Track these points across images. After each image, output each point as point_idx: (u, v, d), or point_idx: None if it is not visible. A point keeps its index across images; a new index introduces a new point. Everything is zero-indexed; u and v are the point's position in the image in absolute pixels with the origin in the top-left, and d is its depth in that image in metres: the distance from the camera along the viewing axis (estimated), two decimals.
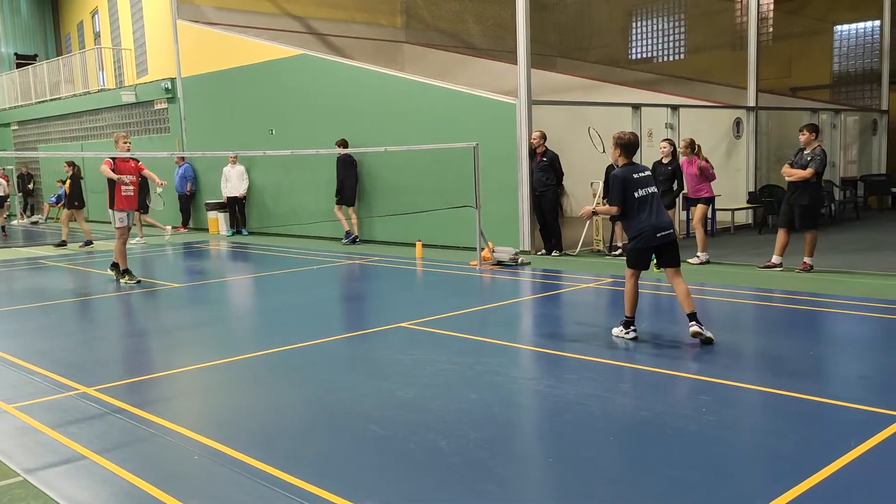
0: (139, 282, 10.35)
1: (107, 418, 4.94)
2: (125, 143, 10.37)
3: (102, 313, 9.05)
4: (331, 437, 4.52)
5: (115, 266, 10.58)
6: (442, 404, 5.01)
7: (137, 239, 15.45)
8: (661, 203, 6.34)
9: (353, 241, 14.31)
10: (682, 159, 11.06)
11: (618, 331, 6.51)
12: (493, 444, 4.29)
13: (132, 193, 10.44)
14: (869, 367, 5.78)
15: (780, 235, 9.77)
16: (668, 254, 6.31)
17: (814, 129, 9.62)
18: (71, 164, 16.21)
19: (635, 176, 6.18)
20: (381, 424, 4.65)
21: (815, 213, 9.69)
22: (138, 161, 10.62)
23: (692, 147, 11.00)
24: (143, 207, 14.63)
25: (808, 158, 9.45)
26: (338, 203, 14.39)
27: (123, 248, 10.47)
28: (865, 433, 4.18)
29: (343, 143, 13.76)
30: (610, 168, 11.36)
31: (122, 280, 10.37)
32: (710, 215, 12.09)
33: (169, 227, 16.64)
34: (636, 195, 6.12)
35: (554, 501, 3.69)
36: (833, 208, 15.65)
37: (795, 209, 9.58)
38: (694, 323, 6.19)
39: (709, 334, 6.16)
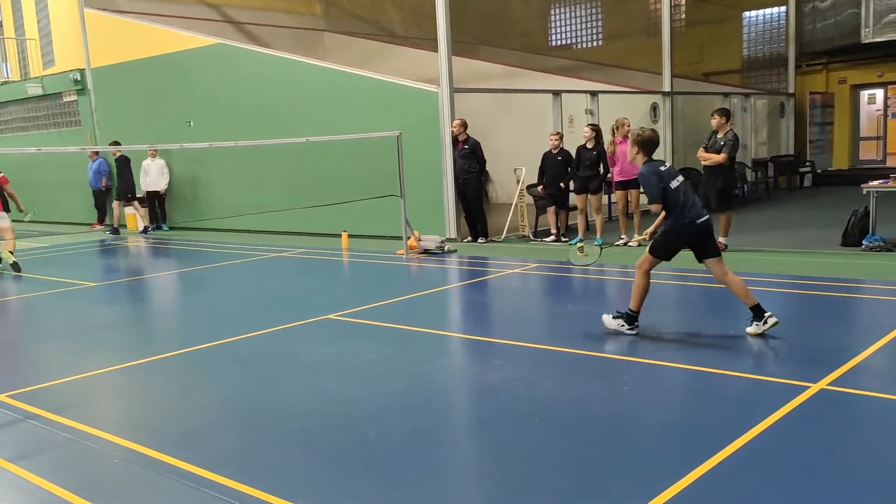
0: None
1: (19, 425, 4.75)
2: None
3: (12, 316, 8.65)
4: (256, 432, 4.46)
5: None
6: (368, 395, 5.01)
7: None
8: (694, 193, 5.99)
9: (116, 232, 15.71)
10: (617, 138, 11.16)
11: (615, 324, 6.09)
12: (419, 433, 4.32)
13: None
14: (779, 341, 6.06)
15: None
16: (708, 243, 5.96)
17: (725, 113, 9.98)
18: None
19: (662, 169, 5.85)
20: (306, 418, 4.62)
21: (729, 195, 10.08)
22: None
23: (627, 126, 11.12)
24: None
25: (722, 143, 9.80)
26: (117, 199, 15.88)
27: None
28: (774, 404, 4.39)
29: (116, 143, 14.98)
30: (546, 154, 11.55)
31: None
32: (628, 198, 12.32)
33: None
34: (672, 185, 5.77)
35: (477, 486, 3.74)
36: (745, 189, 16.28)
37: (711, 192, 9.93)
38: (769, 314, 5.82)
39: (772, 322, 5.83)
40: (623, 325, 6.03)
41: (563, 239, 11.56)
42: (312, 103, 13.58)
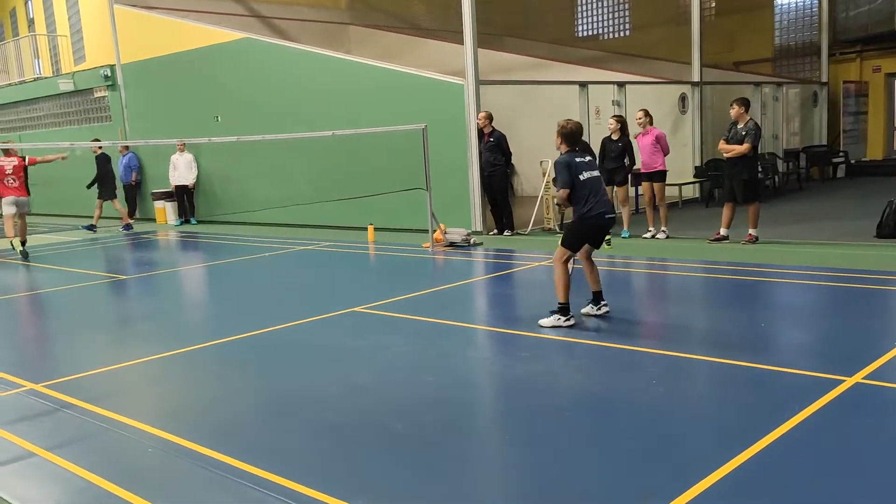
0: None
1: (57, 414, 4.83)
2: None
3: (48, 308, 8.81)
4: (286, 424, 4.50)
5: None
6: (397, 388, 5.02)
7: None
8: (604, 187, 6.37)
9: (91, 229, 15.53)
10: (638, 133, 11.06)
11: (551, 320, 6.19)
12: (449, 426, 4.32)
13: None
14: (812, 335, 5.98)
15: (725, 209, 10.02)
16: (601, 236, 6.43)
17: (744, 102, 9.82)
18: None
19: (578, 160, 6.20)
20: (336, 410, 4.65)
21: (755, 186, 9.93)
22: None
23: (649, 117, 10.99)
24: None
25: (743, 133, 9.65)
26: (99, 198, 15.75)
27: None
28: (809, 398, 4.33)
29: (96, 140, 14.91)
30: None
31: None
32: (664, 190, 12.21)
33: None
34: (581, 177, 6.14)
35: (510, 478, 3.74)
36: (776, 180, 16.04)
37: (736, 184, 9.79)
38: (596, 306, 6.43)
39: (605, 310, 6.46)
40: (559, 319, 6.15)
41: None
42: (338, 97, 13.63)
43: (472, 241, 11.01)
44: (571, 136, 6.28)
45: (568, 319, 6.14)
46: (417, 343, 6.04)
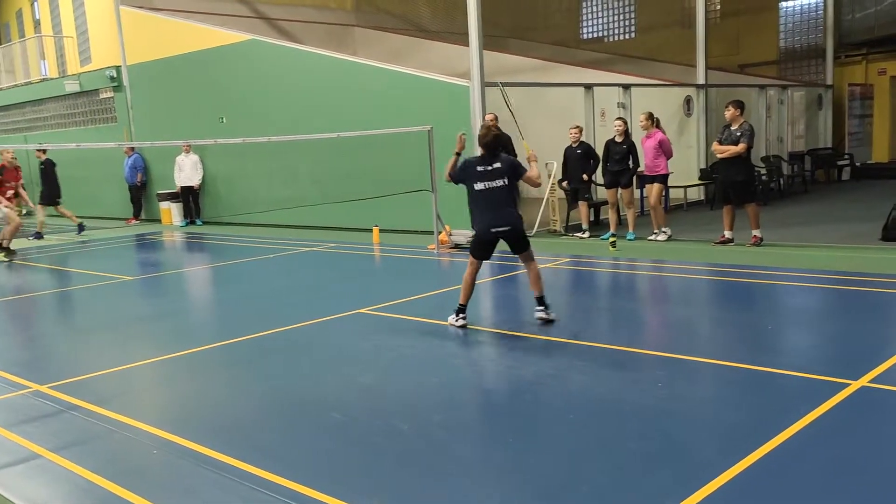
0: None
1: (62, 416, 4.85)
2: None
3: (53, 309, 8.83)
4: (292, 425, 4.50)
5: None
6: (403, 388, 5.02)
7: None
8: (505, 199, 6.33)
9: (39, 237, 15.22)
10: (642, 134, 11.05)
11: (451, 319, 6.45)
12: (454, 426, 4.32)
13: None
14: (818, 338, 5.96)
15: (725, 212, 10.01)
16: (516, 245, 6.39)
17: (739, 105, 9.84)
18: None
19: (479, 168, 6.24)
20: (342, 411, 4.65)
21: (751, 187, 9.95)
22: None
23: (652, 119, 10.95)
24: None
25: (738, 134, 9.65)
26: (41, 203, 15.65)
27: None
28: (815, 401, 4.31)
29: (42, 150, 15.48)
30: (567, 149, 11.50)
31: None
32: (663, 192, 12.21)
33: None
34: (476, 187, 6.21)
35: (515, 479, 3.73)
36: (781, 182, 16.01)
37: (730, 185, 9.78)
38: (540, 308, 6.39)
39: (553, 316, 6.38)
40: (453, 318, 6.39)
41: (583, 234, 11.46)
42: (344, 98, 13.64)
43: None
44: (485, 145, 6.35)
45: (458, 319, 6.37)
46: (423, 344, 6.04)
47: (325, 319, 7.06)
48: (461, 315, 6.40)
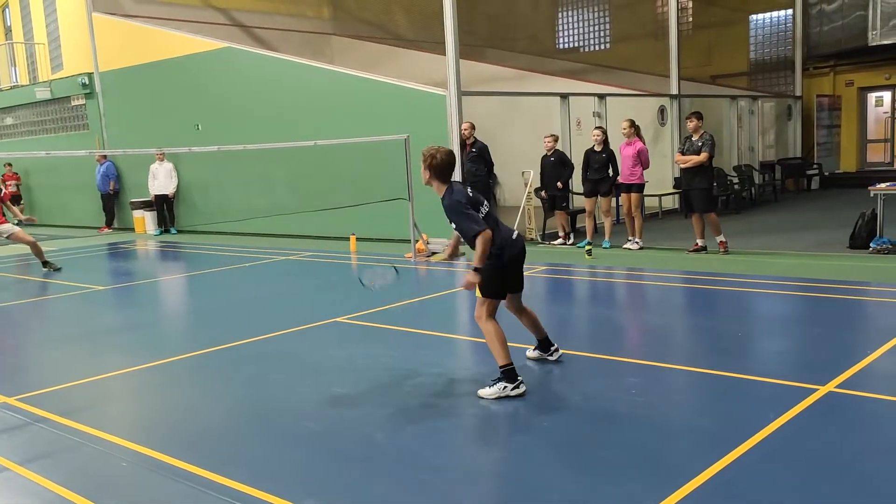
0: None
1: (29, 428, 4.77)
2: None
3: (21, 320, 8.69)
4: (264, 435, 4.47)
5: None
6: (377, 398, 5.01)
7: None
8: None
9: None
10: (621, 142, 11.12)
11: (495, 390, 4.82)
12: (429, 435, 4.32)
13: None
14: (787, 344, 6.05)
15: (695, 221, 10.15)
16: (520, 276, 5.26)
17: (700, 116, 10.09)
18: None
19: (470, 192, 5.02)
20: (316, 421, 4.63)
21: (713, 196, 10.13)
22: None
23: (634, 127, 11.02)
24: None
25: (700, 144, 9.85)
26: None
27: None
28: (784, 406, 4.38)
29: None
30: (543, 157, 11.57)
31: None
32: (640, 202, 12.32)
33: None
34: (481, 211, 4.92)
35: (489, 487, 3.74)
36: (753, 191, 16.24)
37: (693, 193, 9.95)
38: (555, 348, 5.56)
39: (557, 355, 5.57)
40: (507, 388, 4.83)
41: (569, 242, 11.56)
42: (320, 107, 13.62)
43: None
44: (447, 167, 5.05)
45: (517, 387, 4.84)
46: (399, 353, 6.03)
47: (301, 328, 7.03)
48: (519, 380, 4.87)
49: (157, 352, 6.50)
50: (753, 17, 19.88)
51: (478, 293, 5.00)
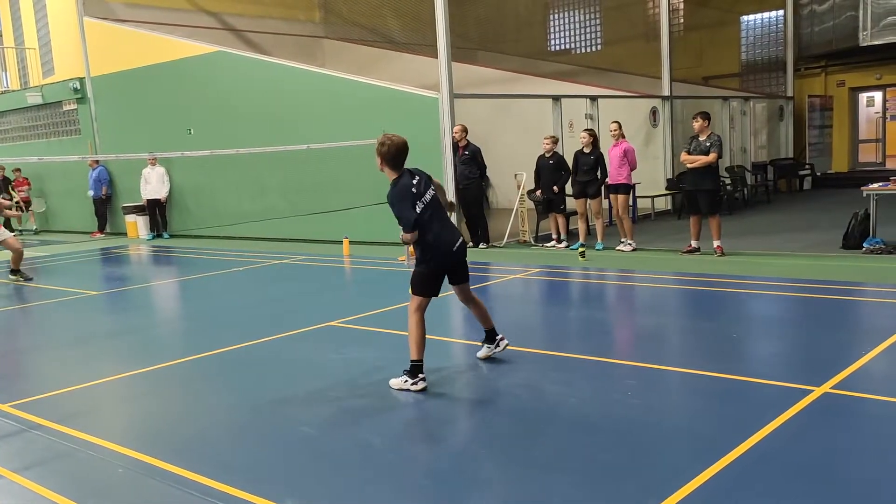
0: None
1: (24, 435, 4.74)
2: None
3: (14, 326, 8.64)
4: (261, 440, 4.46)
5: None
6: (374, 402, 5.00)
7: None
8: (445, 213, 5.26)
9: None
10: (610, 144, 11.15)
11: (399, 381, 5.09)
12: (426, 439, 4.32)
13: None
14: (782, 345, 6.07)
15: (693, 222, 10.15)
16: (462, 271, 5.47)
17: (707, 116, 10.06)
18: None
19: (415, 182, 5.09)
20: (312, 425, 4.61)
21: (718, 197, 10.13)
22: None
23: (621, 129, 11.08)
24: None
25: (708, 144, 9.82)
26: None
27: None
28: (779, 408, 4.39)
29: None
30: (540, 158, 11.58)
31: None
32: (630, 202, 12.36)
33: None
34: (418, 207, 4.99)
35: (487, 491, 3.74)
36: (745, 192, 16.29)
37: (700, 195, 9.93)
38: (500, 337, 5.69)
39: (503, 345, 5.69)
40: (408, 382, 5.07)
41: (562, 244, 11.57)
42: (313, 110, 13.61)
43: None
44: (397, 155, 5.10)
45: (417, 382, 5.02)
46: (394, 357, 6.01)
47: (295, 333, 7.01)
48: (421, 375, 5.07)
49: (150, 357, 6.47)
50: (744, 17, 19.96)
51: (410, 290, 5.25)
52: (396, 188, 5.09)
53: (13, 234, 11.95)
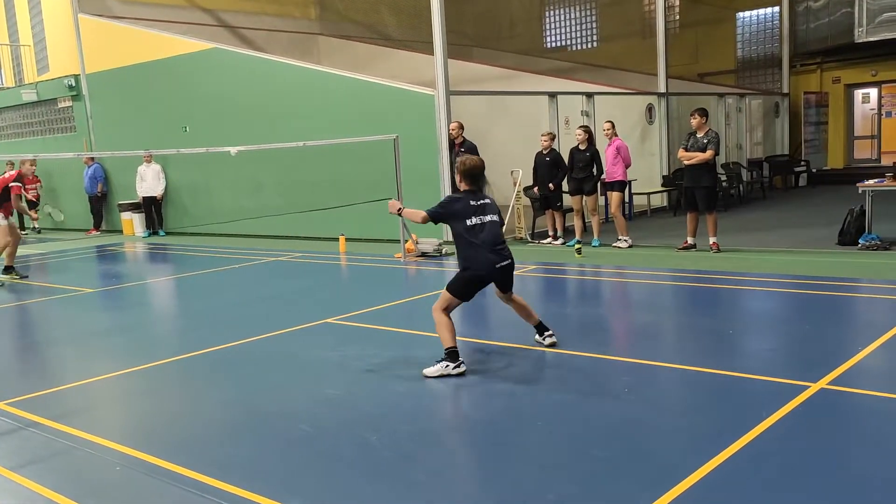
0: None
1: (20, 433, 4.73)
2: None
3: (10, 323, 8.62)
4: (258, 438, 4.46)
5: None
6: (370, 399, 5.01)
7: None
8: (501, 233, 5.65)
9: None
10: (606, 143, 11.22)
11: (438, 368, 5.35)
12: (423, 436, 4.32)
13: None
14: (778, 341, 6.09)
15: (690, 218, 10.17)
16: (508, 282, 5.78)
17: (705, 113, 10.07)
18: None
19: (473, 203, 5.53)
20: (309, 423, 4.61)
21: (715, 194, 10.14)
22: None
23: (614, 128, 11.15)
24: None
25: (706, 141, 9.83)
26: None
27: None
28: (776, 404, 4.40)
29: None
30: (538, 155, 11.58)
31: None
32: (626, 199, 12.40)
33: None
34: (468, 223, 5.46)
35: (483, 488, 3.74)
36: (741, 189, 16.32)
37: (698, 192, 9.95)
38: (549, 333, 5.92)
39: (554, 339, 5.91)
40: (448, 367, 5.35)
41: (558, 241, 11.58)
42: (308, 107, 13.59)
43: (443, 251, 11.03)
44: (471, 174, 5.67)
45: (458, 366, 5.35)
46: (390, 354, 6.02)
47: (291, 330, 7.01)
48: (460, 359, 5.38)
49: (147, 354, 6.46)
50: (740, 14, 19.97)
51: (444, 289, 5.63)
52: (457, 194, 5.70)
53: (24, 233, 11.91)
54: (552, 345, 5.85)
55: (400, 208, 5.90)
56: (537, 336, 5.95)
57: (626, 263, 9.66)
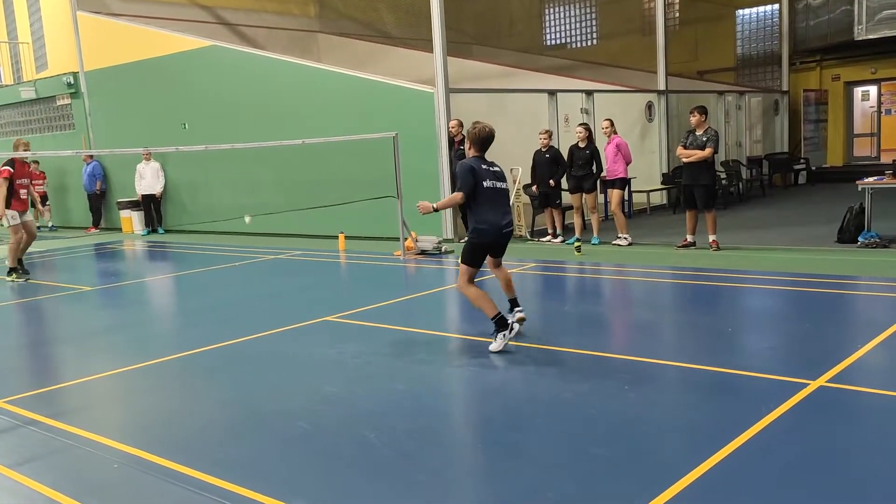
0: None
1: (19, 431, 4.73)
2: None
3: (9, 321, 8.61)
4: (257, 436, 4.45)
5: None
6: (370, 397, 5.00)
7: None
8: (508, 200, 6.05)
9: None
10: (606, 141, 11.24)
11: (498, 342, 5.72)
12: (422, 434, 4.31)
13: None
14: (777, 339, 6.08)
15: (689, 216, 10.17)
16: (503, 248, 6.09)
17: (704, 110, 10.06)
18: None
19: (483, 167, 5.84)
20: (308, 421, 4.61)
21: (714, 192, 10.14)
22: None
23: (612, 126, 11.19)
24: None
25: (705, 139, 9.82)
26: None
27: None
28: (775, 401, 4.40)
29: None
30: (536, 153, 11.57)
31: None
32: (626, 197, 12.40)
33: None
34: (485, 185, 5.76)
35: (483, 486, 3.74)
36: (741, 186, 16.31)
37: (697, 190, 9.94)
38: (519, 309, 6.18)
39: (518, 316, 6.11)
40: (504, 335, 5.73)
41: (557, 239, 11.57)
42: (308, 105, 13.57)
43: (443, 249, 11.02)
44: (482, 140, 5.92)
45: (511, 328, 5.77)
46: (389, 351, 6.02)
47: (290, 328, 7.00)
48: (508, 322, 5.75)
49: (146, 352, 6.45)
50: (740, 12, 19.96)
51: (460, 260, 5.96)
52: (468, 160, 5.88)
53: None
54: (520, 320, 6.09)
55: (433, 207, 6.07)
56: (508, 312, 6.13)
57: (626, 261, 9.65)
